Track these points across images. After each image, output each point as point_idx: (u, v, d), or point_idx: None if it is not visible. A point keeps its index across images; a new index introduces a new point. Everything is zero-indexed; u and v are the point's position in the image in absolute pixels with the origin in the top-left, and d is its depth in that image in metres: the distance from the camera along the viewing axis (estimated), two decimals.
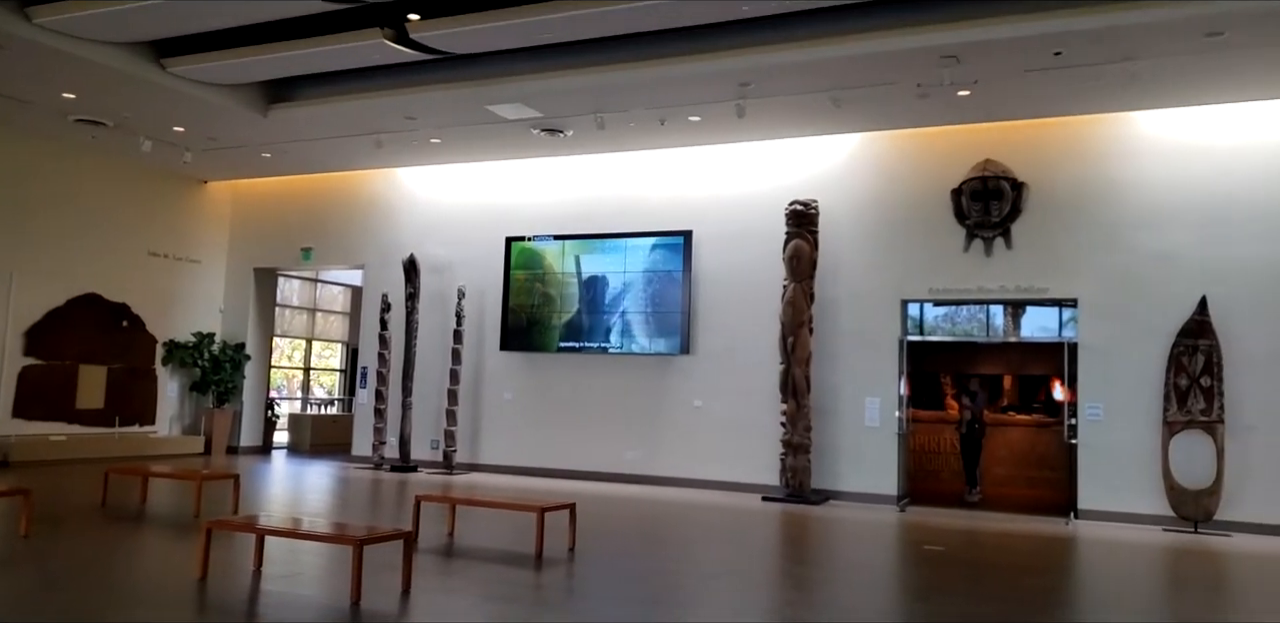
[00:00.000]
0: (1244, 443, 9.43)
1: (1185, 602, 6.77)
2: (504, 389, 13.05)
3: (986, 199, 10.49)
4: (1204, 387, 9.52)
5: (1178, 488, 9.49)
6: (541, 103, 10.62)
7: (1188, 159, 10.02)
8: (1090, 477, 9.98)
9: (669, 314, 11.94)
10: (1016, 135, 10.66)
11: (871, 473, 10.82)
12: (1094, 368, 10.11)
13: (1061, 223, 10.41)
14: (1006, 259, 10.58)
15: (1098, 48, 8.46)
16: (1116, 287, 10.13)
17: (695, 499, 10.78)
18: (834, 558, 8.16)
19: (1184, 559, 8.20)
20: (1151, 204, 10.12)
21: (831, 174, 11.46)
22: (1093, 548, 8.62)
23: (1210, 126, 9.95)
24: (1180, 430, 9.58)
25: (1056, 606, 6.38)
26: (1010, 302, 10.93)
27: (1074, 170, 10.42)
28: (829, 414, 11.06)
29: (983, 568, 7.60)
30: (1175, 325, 9.75)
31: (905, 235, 11.06)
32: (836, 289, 11.24)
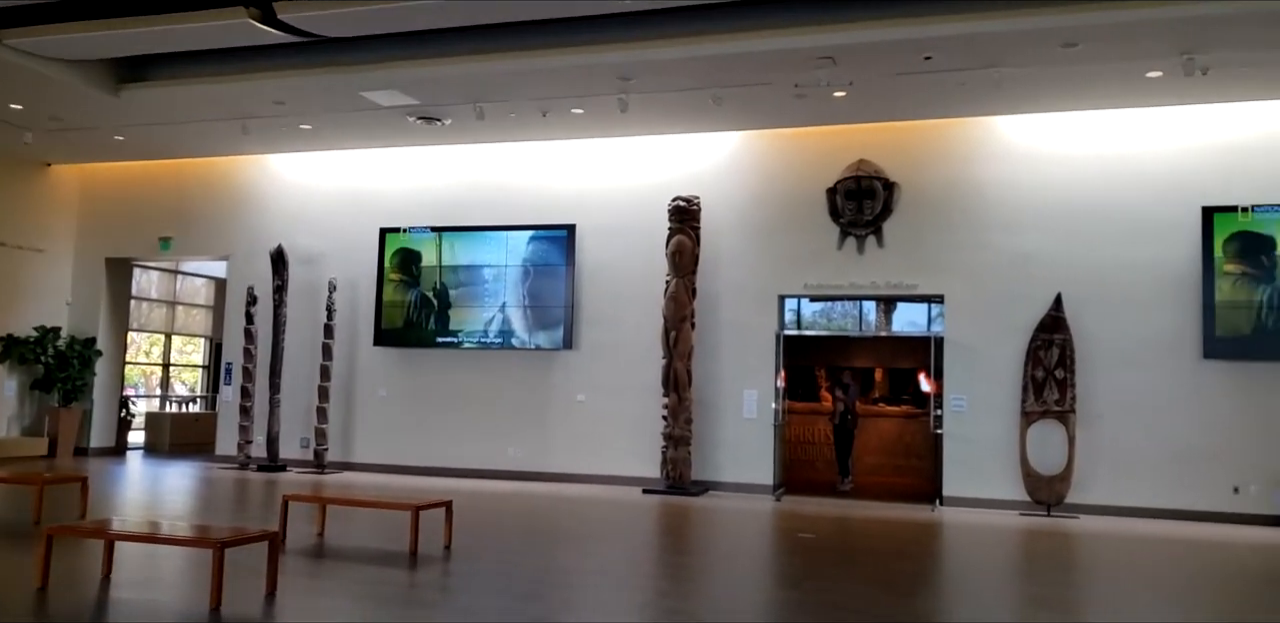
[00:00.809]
0: (1093, 431, 10.03)
1: (1037, 579, 7.15)
2: (379, 385, 12.68)
3: (860, 198, 10.81)
4: (1058, 379, 10.07)
5: (1033, 474, 10.02)
6: (418, 90, 10.34)
7: (1046, 164, 10.56)
8: (954, 465, 10.43)
9: (551, 308, 11.84)
10: (889, 137, 11.02)
11: (749, 464, 11.01)
12: (958, 361, 10.56)
13: (930, 222, 10.82)
14: (878, 257, 10.93)
15: (965, 54, 8.82)
16: (980, 284, 10.61)
17: (577, 494, 10.74)
18: (711, 548, 8.26)
19: (1037, 541, 8.66)
20: (1013, 206, 10.63)
21: (713, 171, 11.59)
22: (956, 532, 9.00)
23: (1066, 133, 10.51)
24: (1036, 420, 10.12)
25: (922, 588, 6.62)
26: (881, 298, 11.33)
27: (942, 172, 10.85)
28: (709, 407, 11.20)
29: (853, 554, 7.84)
30: (1033, 321, 10.28)
31: (783, 232, 11.29)
32: (717, 284, 11.39)
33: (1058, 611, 5.99)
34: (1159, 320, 10.02)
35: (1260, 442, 9.60)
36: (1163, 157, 10.21)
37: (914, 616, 5.66)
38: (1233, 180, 9.93)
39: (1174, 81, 9.11)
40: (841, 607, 5.81)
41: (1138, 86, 9.48)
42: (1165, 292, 10.03)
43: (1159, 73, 9.04)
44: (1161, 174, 10.18)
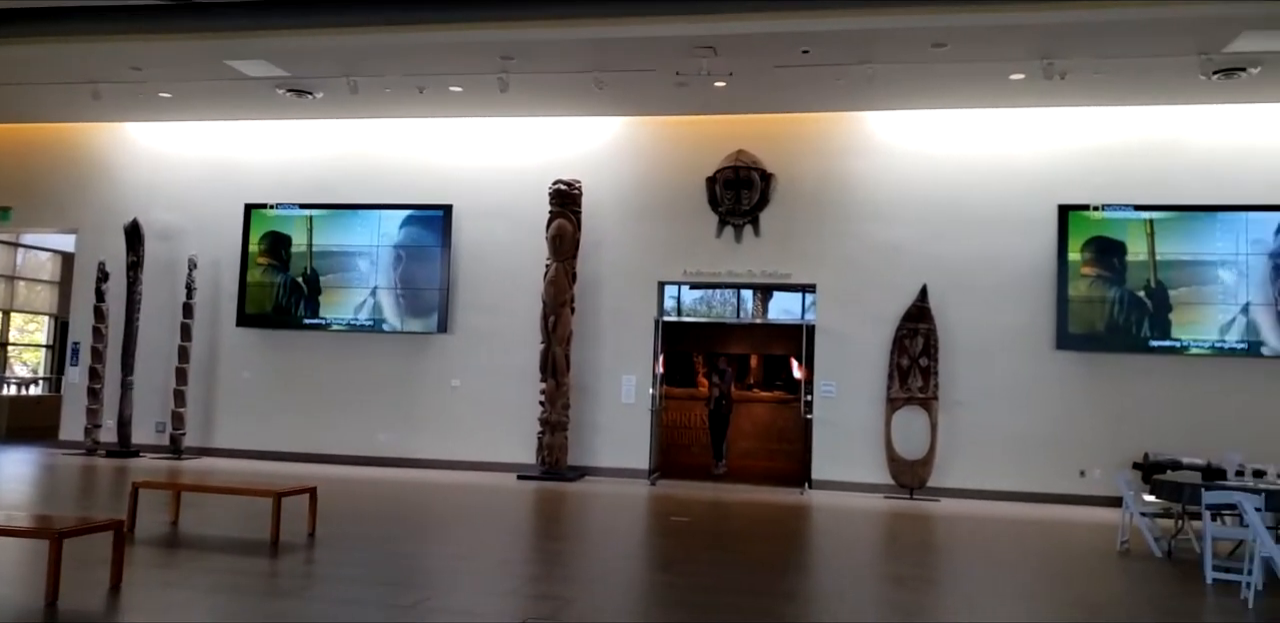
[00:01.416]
0: (953, 418, 10.50)
1: (899, 559, 7.44)
2: (242, 368, 12.15)
3: (738, 188, 10.96)
4: (922, 367, 10.49)
5: (898, 459, 10.42)
6: (288, 61, 9.90)
7: (915, 159, 10.94)
8: (823, 449, 10.75)
9: (426, 291, 11.57)
10: (767, 128, 11.20)
11: (626, 449, 11.07)
12: (829, 349, 10.87)
13: (804, 213, 11.07)
14: (755, 246, 11.12)
15: (840, 49, 9.03)
16: (850, 274, 10.93)
17: (451, 480, 10.56)
18: (584, 533, 8.26)
19: (900, 523, 9.01)
20: (883, 199, 10.98)
21: (596, 155, 11.54)
22: (823, 515, 9.29)
23: (935, 131, 10.91)
24: (901, 406, 10.52)
25: (789, 569, 6.79)
26: (757, 286, 11.55)
27: (817, 164, 11.11)
28: (587, 392, 11.18)
29: (724, 537, 7.98)
30: (900, 311, 10.66)
31: (664, 219, 11.35)
32: (598, 269, 11.36)
33: (916, 589, 6.24)
34: (1016, 312, 10.55)
35: (1105, 428, 10.23)
36: (1024, 156, 10.73)
37: (780, 595, 5.79)
38: (1087, 180, 10.52)
39: (1035, 84, 9.56)
40: (711, 588, 5.90)
41: (1001, 88, 9.91)
42: (1023, 285, 10.56)
43: (1021, 75, 9.47)
44: (1022, 172, 10.69)
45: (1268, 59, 8.76)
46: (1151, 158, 10.45)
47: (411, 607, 5.20)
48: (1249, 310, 10.01)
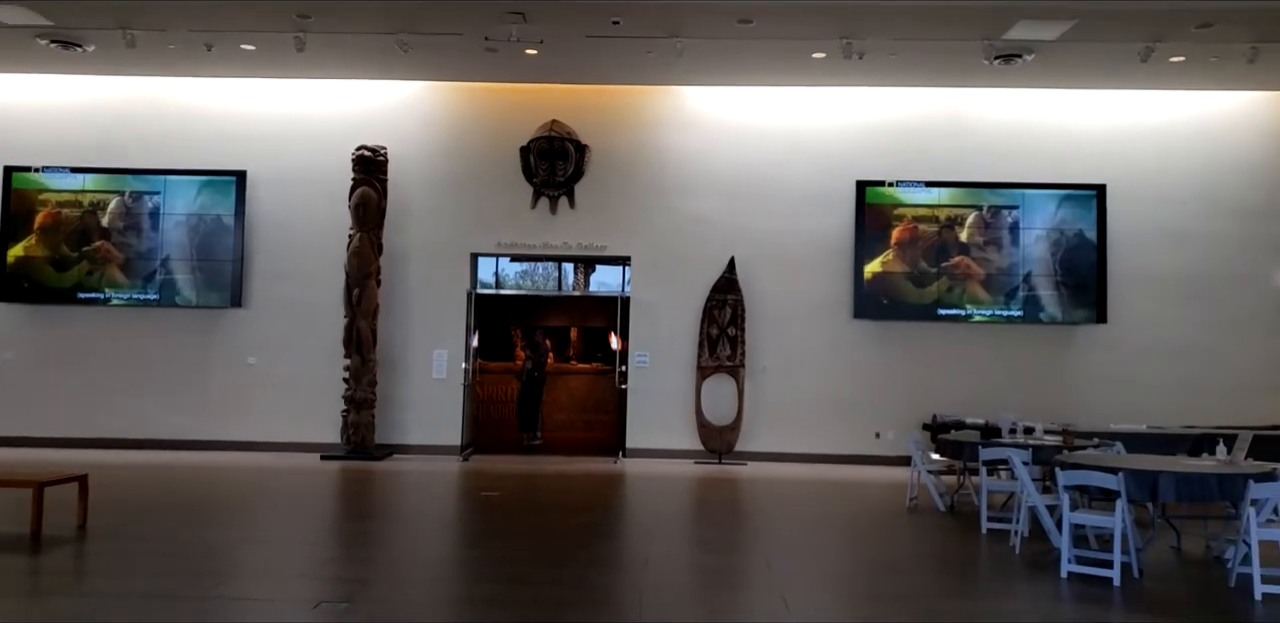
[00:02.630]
0: (759, 384, 10.87)
1: (706, 522, 7.65)
2: (4, 347, 10.98)
3: (553, 159, 10.83)
4: (730, 336, 10.78)
5: (707, 425, 10.70)
6: (52, 10, 8.92)
7: (726, 134, 11.15)
8: (637, 418, 10.90)
9: (218, 263, 10.83)
10: (582, 99, 11.10)
11: (437, 425, 10.81)
12: (643, 320, 10.99)
13: (619, 185, 11.08)
14: (570, 217, 11.04)
15: (650, 22, 9.02)
16: (664, 246, 11.05)
17: (248, 463, 9.98)
18: (389, 512, 8.00)
19: (708, 487, 9.27)
20: (695, 172, 11.14)
21: (403, 121, 11.09)
22: (635, 482, 9.42)
23: (744, 106, 11.14)
24: (711, 375, 10.79)
25: (600, 536, 6.83)
26: (573, 258, 11.53)
27: (631, 136, 11.13)
28: (396, 367, 10.83)
29: (536, 509, 7.94)
30: (710, 282, 10.90)
31: (476, 189, 11.08)
32: (406, 240, 10.97)
33: (718, 551, 6.42)
34: (818, 282, 11.00)
35: (897, 393, 10.87)
36: (826, 133, 11.13)
37: (587, 563, 5.81)
38: (884, 157, 11.04)
39: (836, 63, 9.90)
40: (517, 560, 5.85)
41: (805, 66, 10.21)
42: (825, 257, 11.01)
43: (823, 54, 9.78)
44: (825, 149, 11.11)
45: (1041, 47, 9.43)
46: (942, 137, 11.08)
47: (198, 598, 4.86)
48: (1030, 280, 10.84)
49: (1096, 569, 5.48)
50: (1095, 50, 9.50)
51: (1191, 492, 5.56)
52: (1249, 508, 5.26)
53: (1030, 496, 6.27)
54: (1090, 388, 10.76)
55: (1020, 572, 5.84)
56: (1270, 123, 10.93)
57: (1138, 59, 9.46)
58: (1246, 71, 9.85)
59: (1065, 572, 5.53)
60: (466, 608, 4.98)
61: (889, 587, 5.50)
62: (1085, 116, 11.02)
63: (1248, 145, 10.93)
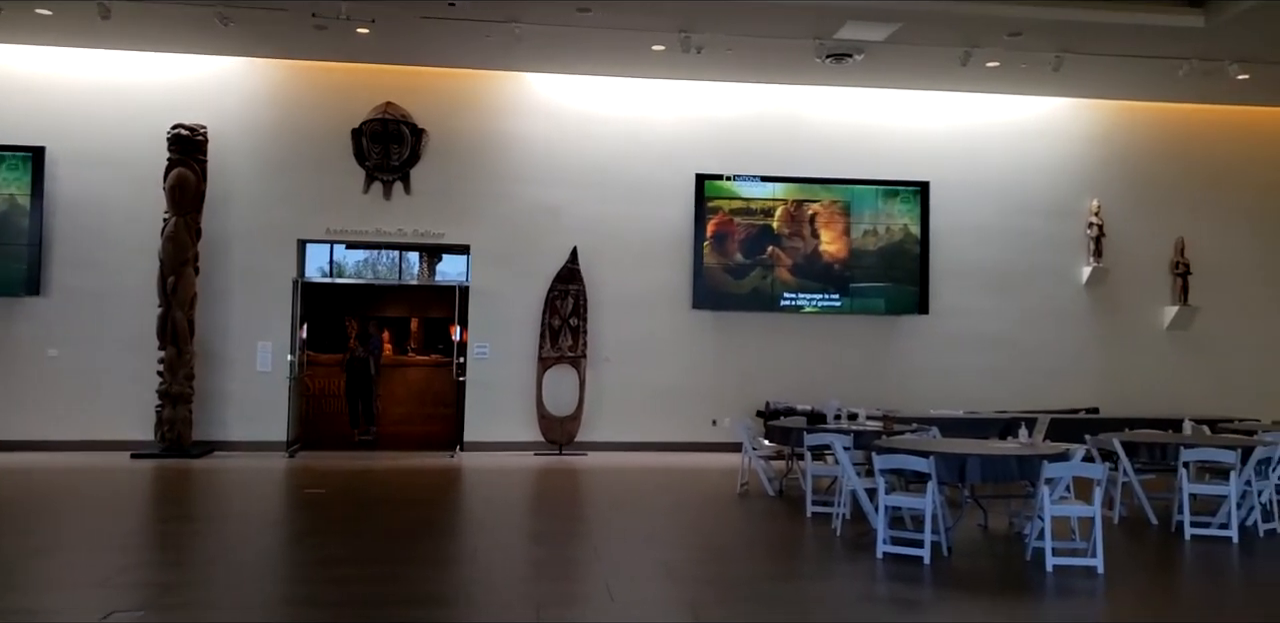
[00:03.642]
0: (600, 374, 10.87)
1: (544, 513, 7.57)
2: None
3: (387, 142, 10.46)
4: (572, 326, 10.73)
5: (548, 416, 10.62)
6: None
7: (570, 122, 11.05)
8: (476, 411, 10.70)
9: (11, 247, 9.90)
10: (419, 81, 10.76)
11: (262, 420, 10.26)
12: (483, 310, 10.79)
13: (459, 172, 10.82)
14: (406, 204, 10.70)
15: (486, 5, 8.81)
16: (505, 235, 10.88)
17: (48, 463, 9.20)
18: (204, 513, 7.54)
19: (547, 478, 9.19)
20: (538, 161, 11.00)
21: (224, 99, 10.44)
22: (472, 476, 9.24)
23: (588, 95, 11.07)
24: (552, 365, 10.71)
25: (430, 532, 6.63)
26: (410, 246, 11.18)
27: (472, 122, 10.87)
28: (216, 360, 10.22)
29: (364, 506, 7.65)
30: (553, 271, 10.80)
31: (304, 172, 10.57)
32: (227, 225, 10.36)
33: (550, 543, 6.36)
34: (660, 273, 11.09)
35: (735, 381, 11.10)
36: (668, 125, 11.22)
37: (412, 561, 5.62)
38: (722, 151, 11.22)
39: (675, 56, 9.97)
40: (339, 560, 5.62)
41: (645, 58, 10.23)
42: (666, 247, 11.11)
43: (662, 47, 9.83)
44: (666, 141, 11.19)
45: (870, 47, 9.79)
46: (779, 133, 11.36)
47: None
48: (859, 273, 11.26)
49: (909, 549, 5.74)
50: (920, 53, 9.95)
51: (995, 473, 5.90)
52: (1044, 487, 5.63)
53: (850, 479, 6.52)
54: (913, 375, 11.31)
55: (840, 553, 6.05)
56: (1073, 128, 11.76)
57: (958, 63, 9.98)
58: (1052, 79, 10.55)
59: (881, 552, 5.76)
60: (279, 610, 4.72)
61: (714, 571, 5.59)
62: (912, 116, 11.54)
63: (1053, 149, 11.73)
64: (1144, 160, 11.81)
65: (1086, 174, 11.74)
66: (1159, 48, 9.69)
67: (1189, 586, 5.61)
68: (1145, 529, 6.83)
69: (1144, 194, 11.78)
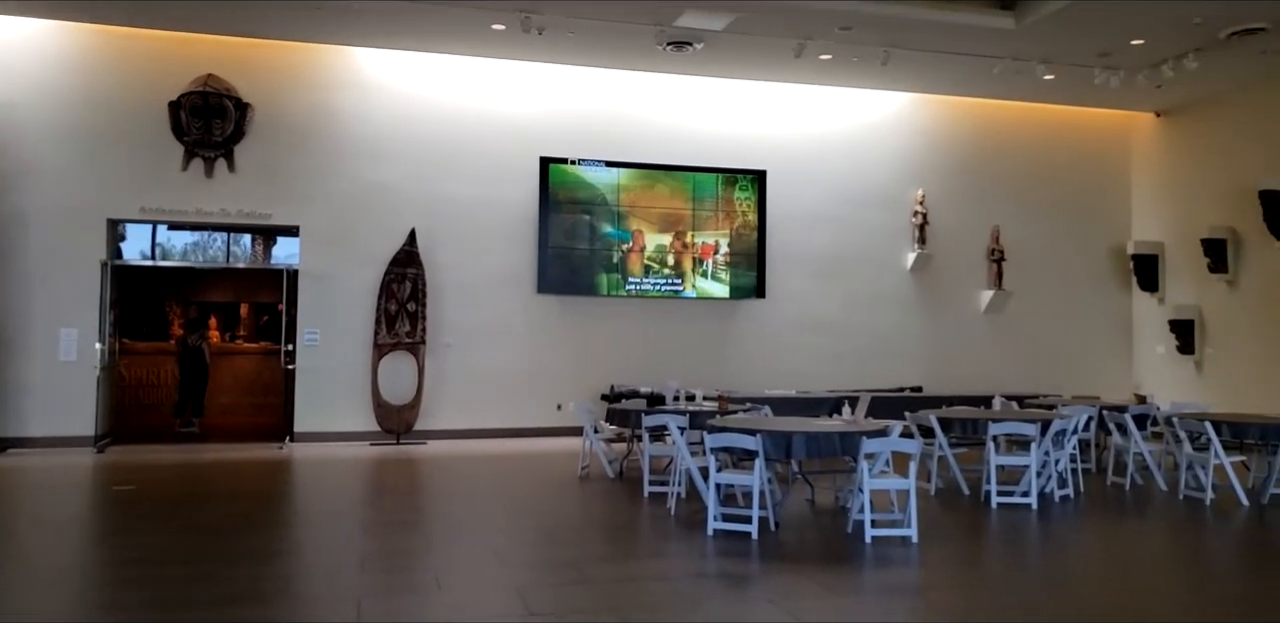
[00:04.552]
0: (441, 360, 10.64)
1: (378, 505, 7.34)
2: None
3: (208, 116, 9.85)
4: (410, 311, 10.44)
5: (384, 405, 10.31)
6: None
7: (409, 101, 10.72)
8: (306, 400, 10.26)
9: None
10: (244, 53, 10.18)
11: (66, 413, 9.51)
12: (314, 294, 10.35)
13: (288, 149, 10.31)
14: (229, 182, 10.12)
15: None
16: (339, 216, 10.46)
17: None
18: None
19: (383, 468, 8.93)
20: (375, 139, 10.62)
21: (21, 65, 9.57)
22: (303, 468, 8.87)
23: (430, 73, 10.77)
24: (389, 352, 10.39)
25: (251, 527, 6.30)
26: (233, 226, 10.61)
27: (303, 97, 10.38)
28: (11, 349, 9.41)
29: (181, 501, 7.21)
30: (389, 254, 10.47)
31: (115, 147, 9.83)
32: (24, 203, 9.52)
33: (380, 534, 6.16)
34: (504, 256, 10.93)
35: (580, 365, 11.09)
36: (512, 106, 11.05)
37: (228, 557, 5.33)
38: (566, 134, 11.15)
39: (516, 37, 9.80)
40: (146, 561, 5.26)
41: (486, 37, 10.02)
42: (510, 231, 10.96)
43: (502, 26, 9.65)
44: (510, 122, 11.02)
45: (710, 37, 9.92)
46: (623, 118, 11.39)
47: None
48: (702, 259, 11.44)
49: (738, 525, 5.88)
50: (757, 44, 10.16)
51: (819, 449, 6.10)
52: (864, 462, 5.88)
53: (684, 459, 6.62)
54: (751, 357, 11.62)
55: (674, 532, 6.13)
56: (900, 121, 12.32)
57: (793, 55, 10.25)
58: (881, 73, 11.00)
59: (711, 529, 5.88)
60: (72, 614, 4.36)
61: (545, 555, 5.56)
62: (752, 106, 11.80)
63: (883, 140, 12.26)
64: (964, 153, 12.51)
65: (912, 165, 12.33)
66: (976, 46, 10.25)
67: (990, 549, 5.99)
68: (958, 499, 7.25)
69: (964, 185, 12.48)
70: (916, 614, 4.51)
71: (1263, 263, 11.30)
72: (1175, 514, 6.79)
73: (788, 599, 4.53)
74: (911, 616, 4.49)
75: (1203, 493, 7.11)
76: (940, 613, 4.49)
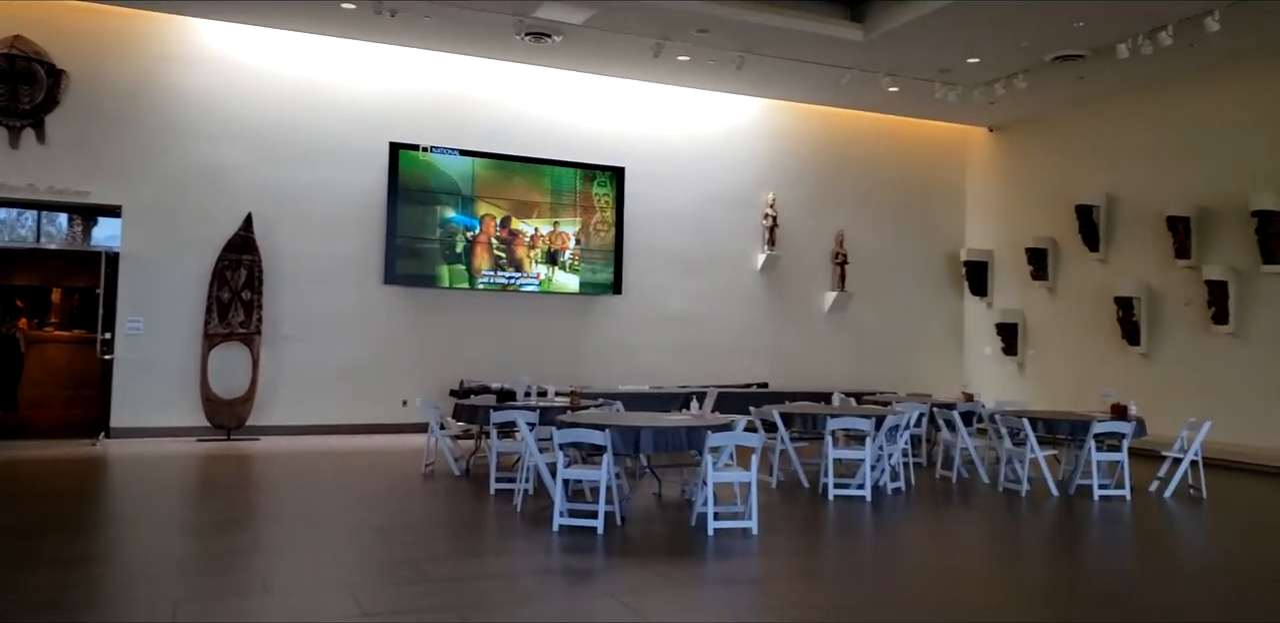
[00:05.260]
0: (279, 352, 10.13)
1: (197, 505, 6.88)
2: None
3: (15, 82, 9.02)
4: (245, 300, 9.88)
5: (214, 398, 9.72)
6: None
7: (251, 78, 10.14)
8: (126, 393, 9.56)
9: None
10: (58, 15, 9.37)
11: None
12: (138, 280, 9.65)
13: (110, 122, 9.58)
14: (39, 154, 9.30)
15: None
16: (167, 196, 9.80)
17: None
18: None
19: (211, 466, 8.39)
20: (210, 116, 10.00)
21: None
22: (120, 465, 8.24)
23: (274, 50, 10.23)
24: (220, 343, 9.81)
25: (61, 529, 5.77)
26: (43, 204, 9.72)
27: (128, 67, 9.65)
28: None
29: None
30: (222, 239, 9.88)
31: None
32: None
33: (205, 535, 5.79)
34: (348, 245, 10.51)
35: (429, 359, 10.80)
36: (361, 89, 10.64)
37: (32, 562, 4.86)
38: (419, 120, 10.83)
39: (366, 17, 9.45)
40: None
41: (335, 15, 9.61)
42: (356, 218, 10.55)
43: (352, 5, 9.27)
44: (359, 105, 10.61)
45: (569, 30, 9.83)
46: (480, 108, 11.15)
47: None
48: (557, 253, 11.32)
49: (584, 520, 5.84)
50: (617, 41, 10.15)
51: (667, 443, 6.14)
52: (708, 455, 5.95)
53: (532, 455, 6.52)
54: (607, 353, 11.63)
55: (519, 529, 6.03)
56: (755, 125, 12.61)
57: (651, 54, 10.29)
58: (737, 77, 11.21)
59: (557, 525, 5.81)
60: None
61: (383, 555, 5.35)
62: (612, 102, 11.80)
63: (738, 143, 12.51)
64: (814, 160, 12.92)
65: (765, 169, 12.64)
66: (826, 56, 10.59)
67: (826, 540, 6.18)
68: (797, 492, 7.46)
69: (812, 190, 12.90)
70: (755, 603, 4.59)
71: (1078, 272, 12.19)
72: (994, 506, 7.21)
73: (630, 593, 4.52)
74: (750, 605, 4.56)
75: (1019, 485, 7.57)
76: (777, 602, 4.58)
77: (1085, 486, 7.58)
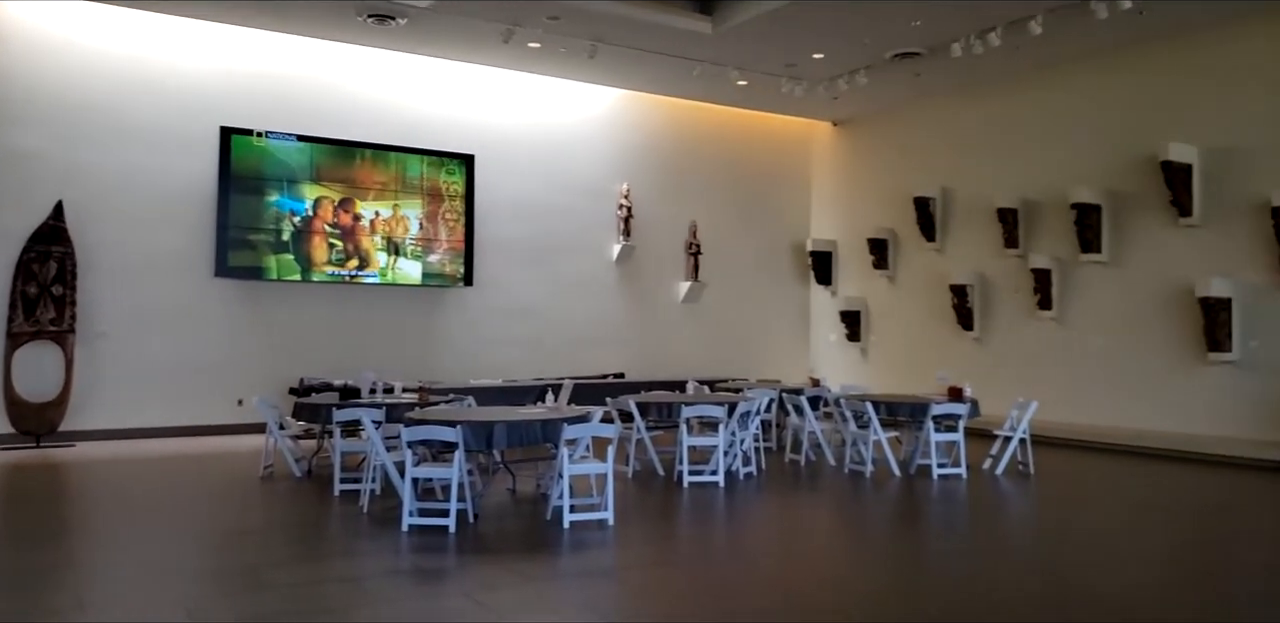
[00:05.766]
0: (96, 351, 9.36)
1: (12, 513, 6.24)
2: None
3: None
4: (56, 295, 9.08)
5: (20, 402, 8.88)
6: None
7: (58, 55, 9.31)
8: None
9: None
10: None
11: None
12: None
13: None
14: None
15: None
16: None
17: None
18: None
19: (16, 475, 7.65)
20: (10, 96, 9.12)
21: None
22: None
23: (85, 26, 9.41)
24: (27, 342, 8.97)
25: None
26: None
27: None
28: None
29: None
30: (28, 230, 9.04)
31: None
32: None
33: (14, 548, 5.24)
34: (175, 236, 9.83)
35: (266, 357, 10.23)
36: (187, 70, 9.95)
37: None
38: (252, 105, 10.22)
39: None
40: None
41: None
42: (182, 207, 9.88)
43: None
44: (184, 87, 9.93)
45: (413, 13, 9.48)
46: (318, 92, 10.64)
47: None
48: (404, 244, 10.94)
49: (435, 519, 5.63)
50: (466, 25, 9.87)
51: (521, 438, 5.99)
52: (564, 448, 5.84)
53: (379, 454, 6.24)
54: (458, 346, 11.34)
55: (365, 530, 5.76)
56: (609, 115, 12.56)
57: (501, 39, 10.06)
58: (589, 66, 11.12)
59: (406, 526, 5.58)
60: None
61: (218, 563, 4.99)
62: (461, 88, 11.48)
63: (592, 133, 12.43)
64: (667, 151, 12.99)
65: (619, 159, 12.62)
66: (677, 48, 10.64)
67: (681, 527, 6.20)
68: (653, 480, 7.47)
69: (666, 181, 12.97)
70: (610, 594, 4.52)
71: (916, 261, 12.76)
72: (841, 486, 7.42)
73: (483, 591, 4.37)
74: (605, 595, 4.49)
75: (864, 466, 7.83)
76: (633, 591, 4.53)
77: (925, 465, 7.91)
